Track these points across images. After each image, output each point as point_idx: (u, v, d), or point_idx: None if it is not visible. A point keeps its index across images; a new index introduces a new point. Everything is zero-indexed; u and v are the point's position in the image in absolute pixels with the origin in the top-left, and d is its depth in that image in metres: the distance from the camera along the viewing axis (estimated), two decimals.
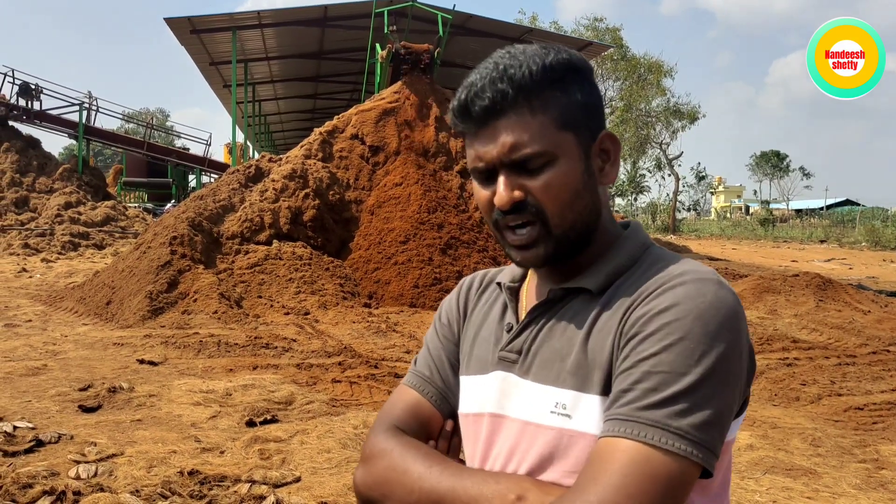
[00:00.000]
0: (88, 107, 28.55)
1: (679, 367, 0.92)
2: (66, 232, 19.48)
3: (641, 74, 41.58)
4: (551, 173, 1.03)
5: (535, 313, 1.13)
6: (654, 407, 0.92)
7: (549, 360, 1.07)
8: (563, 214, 1.05)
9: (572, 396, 1.02)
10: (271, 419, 5.07)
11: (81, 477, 3.82)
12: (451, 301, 1.32)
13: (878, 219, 42.68)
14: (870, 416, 5.47)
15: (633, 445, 0.90)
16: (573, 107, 1.06)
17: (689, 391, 0.92)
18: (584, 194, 1.07)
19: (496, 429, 1.12)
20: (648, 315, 0.98)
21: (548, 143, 1.03)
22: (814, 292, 11.26)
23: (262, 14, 21.80)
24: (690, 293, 0.97)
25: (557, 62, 1.05)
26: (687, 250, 28.19)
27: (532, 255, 1.07)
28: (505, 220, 1.07)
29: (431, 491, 1.03)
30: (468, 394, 1.20)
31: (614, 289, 1.07)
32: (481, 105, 1.04)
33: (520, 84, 1.02)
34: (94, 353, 7.13)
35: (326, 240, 11.55)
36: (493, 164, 1.05)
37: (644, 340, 0.96)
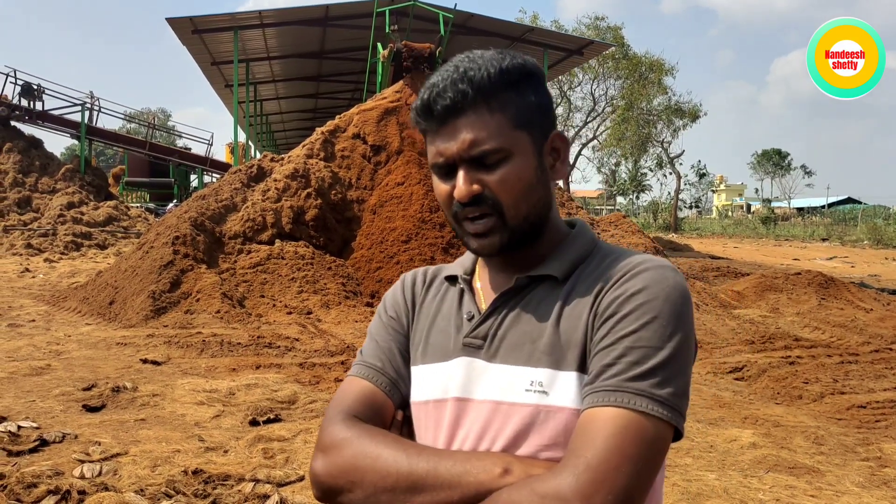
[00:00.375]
0: (90, 107, 28.57)
1: (656, 343, 1.03)
2: (69, 232, 19.51)
3: (643, 73, 41.51)
4: (507, 168, 1.11)
5: (500, 301, 1.19)
6: (638, 378, 1.01)
7: (519, 343, 1.14)
8: (518, 206, 1.13)
9: (548, 374, 1.09)
10: (274, 418, 5.08)
11: (86, 476, 3.83)
12: (395, 296, 1.37)
13: (880, 217, 42.67)
14: (872, 414, 5.47)
15: (622, 412, 0.99)
16: (527, 108, 1.14)
17: (666, 364, 1.02)
18: (538, 188, 1.15)
19: (462, 412, 1.15)
20: (623, 297, 1.07)
21: (504, 140, 1.11)
22: (816, 290, 11.26)
23: (264, 14, 21.79)
24: (656, 278, 1.08)
25: (513, 66, 1.13)
26: (688, 249, 28.19)
27: (488, 243, 1.14)
28: (464, 212, 1.14)
29: (410, 473, 1.05)
30: (425, 382, 1.23)
31: (576, 276, 1.16)
32: (443, 104, 1.11)
33: (479, 85, 1.10)
34: (97, 352, 7.14)
35: (328, 239, 11.56)
36: (452, 160, 1.13)
37: (622, 319, 1.05)
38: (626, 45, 41.41)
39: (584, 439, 0.99)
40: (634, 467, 0.96)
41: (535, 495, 0.96)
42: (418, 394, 1.24)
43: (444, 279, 1.33)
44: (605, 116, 45.33)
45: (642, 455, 0.97)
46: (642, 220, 52.90)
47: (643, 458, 0.97)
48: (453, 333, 1.22)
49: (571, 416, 1.06)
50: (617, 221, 16.32)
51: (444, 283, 1.32)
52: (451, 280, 1.31)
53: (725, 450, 4.54)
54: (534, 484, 0.98)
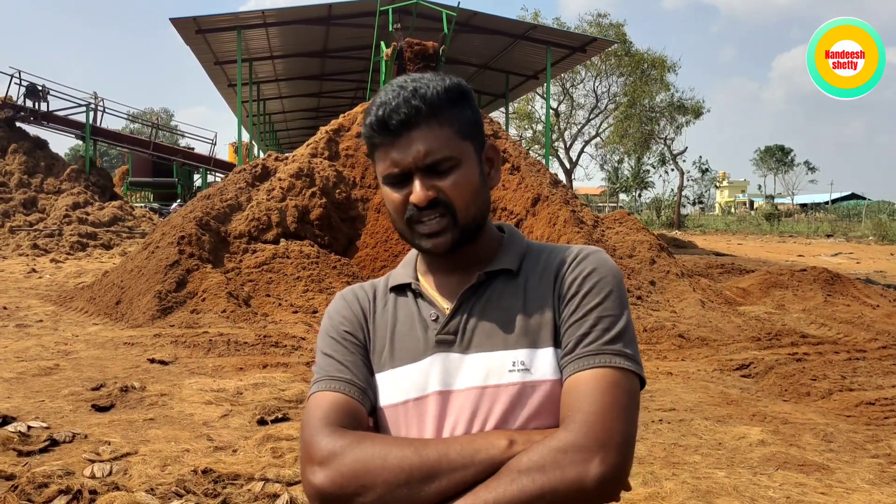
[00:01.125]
0: (94, 107, 28.61)
1: (617, 311, 1.22)
2: (75, 232, 19.54)
3: (645, 70, 41.42)
4: (458, 175, 1.24)
5: (465, 297, 1.30)
6: (612, 342, 1.19)
7: (493, 331, 1.25)
8: (468, 208, 1.25)
9: (528, 353, 1.22)
10: (282, 417, 5.08)
11: (96, 476, 3.84)
12: (344, 312, 1.38)
13: (884, 212, 42.52)
14: (881, 410, 5.46)
15: (607, 371, 1.16)
16: (467, 122, 1.28)
17: (626, 328, 1.22)
18: (482, 192, 1.29)
19: (445, 403, 1.23)
20: (580, 277, 1.25)
21: (453, 150, 1.23)
22: (822, 287, 11.24)
23: (267, 13, 21.80)
24: (600, 259, 1.27)
25: (453, 86, 1.26)
26: (692, 246, 28.14)
27: (441, 241, 1.25)
28: (419, 216, 1.24)
29: (422, 464, 1.10)
30: (398, 384, 1.28)
31: (525, 267, 1.32)
32: (398, 119, 1.21)
33: (430, 101, 1.22)
34: (105, 352, 7.16)
35: (333, 238, 11.57)
36: (408, 169, 1.23)
37: (586, 295, 1.23)
38: (629, 42, 41.30)
39: (581, 398, 1.14)
40: (628, 414, 1.13)
41: (557, 451, 1.08)
42: (392, 397, 1.28)
43: (387, 291, 1.40)
44: (608, 114, 45.23)
45: (630, 403, 1.15)
46: (645, 217, 52.84)
47: (632, 406, 1.15)
48: (421, 335, 1.30)
49: (552, 386, 1.20)
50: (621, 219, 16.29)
51: (390, 294, 1.39)
52: (399, 290, 1.38)
53: (734, 447, 4.54)
54: (549, 442, 1.10)
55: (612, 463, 1.07)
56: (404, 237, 1.31)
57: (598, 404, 1.11)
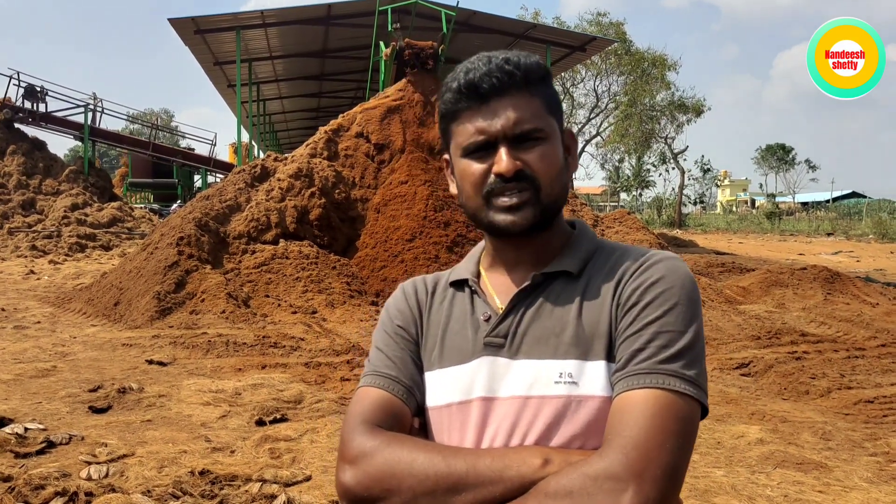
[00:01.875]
0: (93, 108, 28.63)
1: (680, 327, 1.10)
2: (73, 233, 19.53)
3: (645, 69, 41.38)
4: (544, 148, 1.18)
5: (518, 299, 1.22)
6: (669, 360, 1.08)
7: (543, 337, 1.17)
8: (552, 185, 1.19)
9: (577, 365, 1.13)
10: (281, 418, 5.08)
11: (93, 478, 3.83)
12: (399, 306, 1.36)
13: (885, 211, 42.51)
14: (880, 409, 5.45)
15: (659, 393, 1.05)
16: (555, 100, 1.24)
17: (690, 347, 1.09)
18: (564, 172, 1.23)
19: (488, 411, 1.17)
20: (644, 286, 1.14)
21: (542, 122, 1.19)
22: (822, 285, 11.22)
23: (266, 13, 21.78)
24: (671, 268, 1.16)
25: (540, 64, 1.22)
26: (693, 245, 28.13)
27: (521, 216, 1.18)
28: (502, 189, 1.17)
29: (450, 473, 1.07)
30: (445, 385, 1.23)
31: (588, 271, 1.22)
32: (490, 83, 1.16)
33: (525, 70, 1.18)
34: (103, 353, 7.15)
35: (333, 238, 11.56)
36: (494, 138, 1.17)
37: (647, 307, 1.12)
38: (629, 40, 41.28)
39: (626, 420, 1.04)
40: (677, 443, 1.02)
41: (588, 478, 1.00)
42: (438, 398, 1.24)
43: (447, 285, 1.34)
44: (609, 113, 45.22)
45: (682, 431, 1.03)
46: (646, 216, 52.81)
47: (683, 435, 1.03)
48: (471, 335, 1.24)
49: (602, 403, 1.11)
50: (621, 218, 16.29)
51: (449, 289, 1.33)
52: (457, 285, 1.33)
53: (733, 446, 4.53)
54: (582, 467, 1.01)
55: (648, 497, 0.97)
56: (476, 218, 1.23)
57: (641, 429, 1.01)
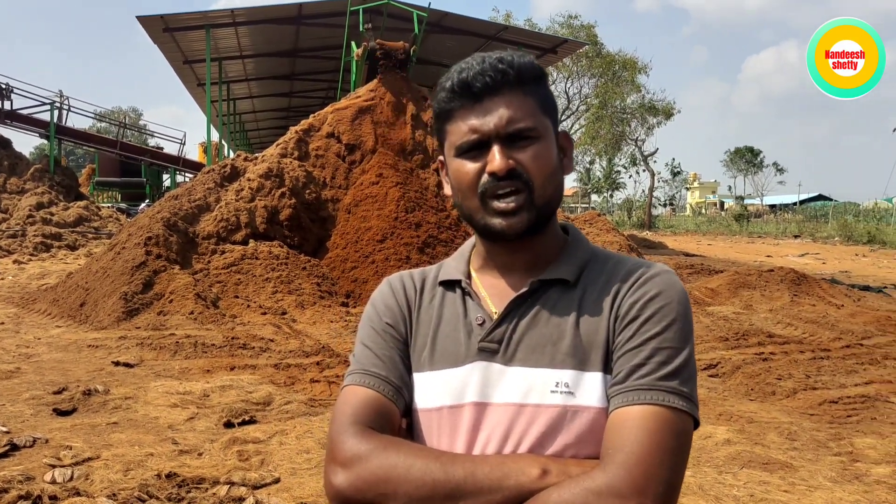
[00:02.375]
0: (60, 106, 28.14)
1: (678, 344, 1.11)
2: (38, 233, 19.18)
3: (616, 71, 41.75)
4: (538, 147, 1.17)
5: (514, 305, 1.20)
6: (668, 377, 1.09)
7: (539, 345, 1.16)
8: (545, 186, 1.17)
9: (573, 375, 1.13)
10: (249, 420, 5.03)
11: (57, 481, 3.77)
12: (388, 302, 1.32)
13: (850, 213, 43.30)
14: (844, 409, 5.54)
15: (658, 410, 1.06)
16: (549, 100, 1.22)
17: (687, 363, 1.11)
18: (558, 173, 1.22)
19: (481, 416, 1.16)
20: (643, 301, 1.14)
21: (536, 122, 1.17)
22: (788, 287, 11.39)
23: (236, 12, 21.60)
24: (668, 282, 1.16)
25: (535, 64, 1.21)
26: (663, 246, 28.41)
27: (517, 221, 1.16)
28: (495, 188, 1.16)
29: (447, 480, 1.05)
30: (436, 388, 1.21)
31: (584, 279, 1.21)
32: (483, 82, 1.16)
33: (519, 69, 1.18)
34: (68, 355, 7.03)
35: (303, 239, 11.49)
36: (488, 136, 1.16)
37: (646, 322, 1.12)
38: (600, 43, 41.62)
39: (625, 435, 1.04)
40: (675, 459, 1.04)
41: (590, 493, 1.00)
42: (428, 400, 1.22)
43: (435, 283, 1.31)
44: (580, 115, 45.55)
45: (680, 447, 1.05)
46: (617, 217, 53.24)
47: (681, 451, 1.05)
48: (464, 339, 1.22)
49: (597, 414, 1.11)
50: (592, 220, 16.42)
51: (438, 287, 1.31)
52: (448, 285, 1.30)
53: (700, 447, 4.58)
54: (584, 482, 1.01)
55: None
56: (472, 220, 1.22)
57: (642, 446, 1.02)
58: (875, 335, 8.45)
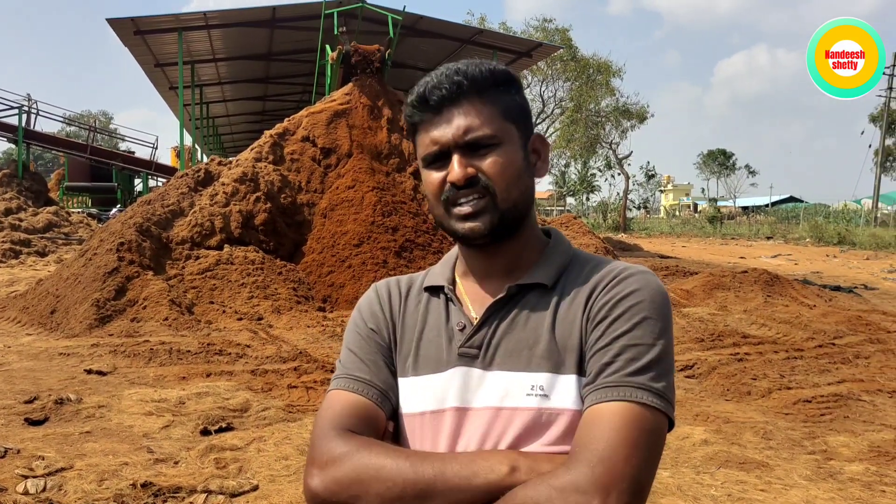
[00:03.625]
0: (28, 110, 27.74)
1: (649, 340, 1.11)
2: (7, 239, 18.87)
3: (590, 75, 42.04)
4: (498, 153, 1.18)
5: (493, 310, 1.22)
6: (637, 373, 1.09)
7: (516, 349, 1.18)
8: (509, 190, 1.18)
9: (548, 378, 1.14)
10: (226, 427, 4.98)
11: (30, 492, 3.70)
12: (373, 308, 1.34)
13: (820, 215, 43.93)
14: (818, 408, 5.61)
15: (626, 406, 1.06)
16: (514, 105, 1.23)
17: (659, 360, 1.10)
18: (525, 178, 1.22)
19: (461, 421, 1.17)
20: (614, 300, 1.15)
21: (495, 129, 1.18)
22: (762, 288, 11.53)
23: (209, 15, 21.44)
24: (642, 282, 1.17)
25: (500, 70, 1.23)
26: (638, 249, 28.63)
27: (479, 224, 1.18)
28: (456, 196, 1.19)
29: (417, 480, 1.06)
30: (419, 393, 1.23)
31: (563, 283, 1.22)
32: (439, 94, 1.18)
33: (473, 78, 1.19)
34: (39, 363, 6.91)
35: (279, 244, 11.41)
36: (447, 147, 1.18)
37: (616, 321, 1.13)
38: (574, 46, 41.87)
39: (593, 433, 1.05)
40: (643, 456, 1.03)
41: (554, 490, 1.00)
42: (411, 405, 1.24)
43: (421, 289, 1.33)
44: (554, 118, 45.79)
45: (649, 444, 1.05)
46: (592, 220, 53.57)
47: (650, 447, 1.05)
48: (445, 345, 1.24)
49: (573, 416, 1.12)
50: (567, 222, 16.50)
51: (423, 293, 1.32)
52: (432, 291, 1.32)
53: (678, 447, 4.61)
54: (550, 479, 1.02)
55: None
56: (441, 225, 1.25)
57: (608, 442, 1.02)
58: (847, 335, 8.58)
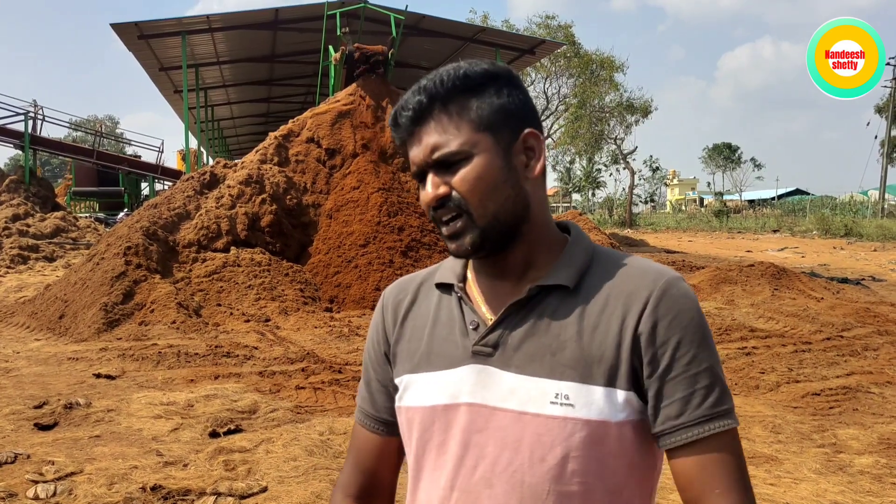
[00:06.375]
0: (34, 116, 27.78)
1: (712, 361, 1.10)
2: (15, 245, 18.93)
3: (594, 70, 41.94)
4: (468, 168, 1.13)
5: (510, 311, 1.17)
6: (719, 402, 1.08)
7: (538, 354, 1.13)
8: (484, 205, 1.13)
9: (574, 388, 1.10)
10: (235, 429, 4.99)
11: (40, 497, 3.72)
12: (376, 321, 1.36)
13: (827, 207, 43.76)
14: (826, 401, 5.59)
15: (725, 437, 1.08)
16: (489, 110, 1.15)
17: (721, 376, 1.11)
18: (505, 188, 1.15)
19: (476, 417, 1.15)
20: (667, 323, 1.10)
21: (462, 142, 1.12)
22: (769, 281, 11.49)
23: (212, 18, 21.45)
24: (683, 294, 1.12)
25: (471, 72, 1.15)
26: (644, 244, 28.56)
27: (461, 244, 1.15)
28: (436, 215, 1.16)
29: None
30: (431, 388, 1.21)
31: (587, 285, 1.16)
32: (406, 115, 1.16)
33: (431, 94, 1.14)
34: (48, 368, 6.95)
35: (285, 245, 11.43)
36: (422, 167, 1.16)
37: (679, 347, 1.09)
38: (577, 43, 41.77)
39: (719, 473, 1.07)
40: (745, 470, 1.11)
41: None
42: (422, 399, 1.23)
43: (434, 286, 1.31)
44: (559, 115, 45.67)
45: (745, 466, 1.11)
46: (598, 216, 53.47)
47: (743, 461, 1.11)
48: (459, 342, 1.21)
49: (598, 427, 1.10)
50: (573, 219, 16.45)
51: (435, 290, 1.30)
52: (443, 288, 1.29)
53: None
54: None
55: None
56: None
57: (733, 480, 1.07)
58: (855, 327, 8.54)
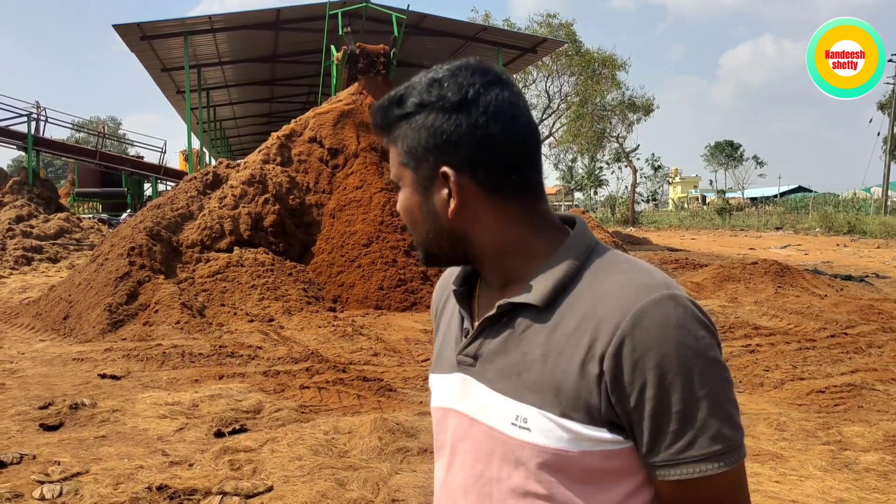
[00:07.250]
0: (37, 117, 27.86)
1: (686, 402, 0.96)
2: (19, 246, 18.97)
3: (596, 69, 41.91)
4: (399, 197, 1.14)
5: (484, 325, 1.13)
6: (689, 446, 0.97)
7: (507, 371, 1.08)
8: (414, 231, 1.16)
9: (533, 413, 1.03)
10: (240, 429, 5.00)
11: (46, 497, 3.73)
12: (433, 298, 1.38)
13: (829, 204, 43.70)
14: (831, 398, 5.59)
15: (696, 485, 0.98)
16: (415, 143, 1.08)
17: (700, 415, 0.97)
18: (423, 225, 1.12)
19: (459, 426, 1.16)
20: (631, 365, 0.97)
21: (394, 174, 1.14)
22: (772, 279, 11.48)
23: (214, 19, 21.48)
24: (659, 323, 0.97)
25: (406, 96, 1.08)
26: (647, 242, 28.54)
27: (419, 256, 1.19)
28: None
29: None
30: (436, 389, 1.25)
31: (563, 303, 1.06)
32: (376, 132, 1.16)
33: (377, 121, 1.13)
34: (53, 369, 6.96)
35: (288, 245, 11.44)
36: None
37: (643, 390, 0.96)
38: (579, 41, 41.75)
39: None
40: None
41: None
42: (434, 399, 1.26)
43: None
44: (561, 113, 45.67)
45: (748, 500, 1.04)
46: (600, 214, 53.45)
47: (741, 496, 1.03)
48: (454, 347, 1.21)
49: (552, 456, 1.02)
50: None
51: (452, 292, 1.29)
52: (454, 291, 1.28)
53: None
54: None
55: None
56: None
57: None
58: (859, 324, 8.53)
